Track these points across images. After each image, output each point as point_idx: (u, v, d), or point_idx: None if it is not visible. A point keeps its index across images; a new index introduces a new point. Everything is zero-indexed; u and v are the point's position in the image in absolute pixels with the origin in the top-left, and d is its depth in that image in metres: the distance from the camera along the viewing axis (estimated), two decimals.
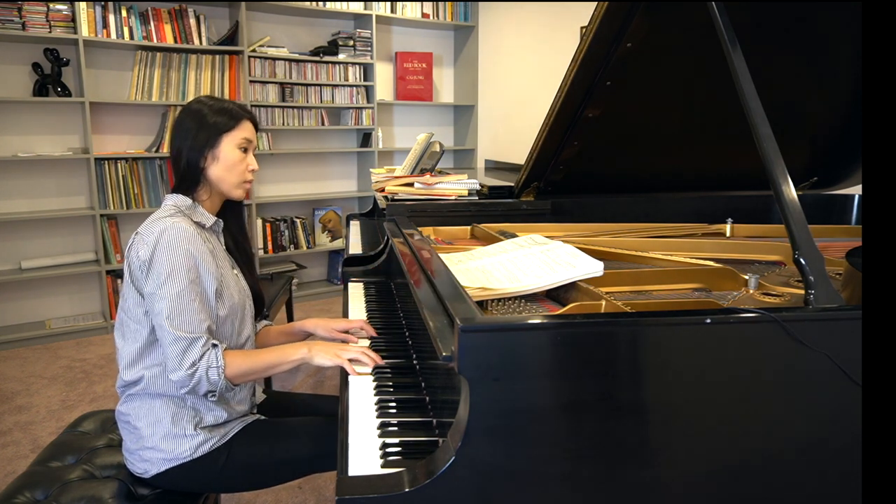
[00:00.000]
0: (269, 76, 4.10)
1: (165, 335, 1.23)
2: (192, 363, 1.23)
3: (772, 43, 1.55)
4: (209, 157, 1.35)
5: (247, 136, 1.38)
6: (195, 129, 1.34)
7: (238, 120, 1.37)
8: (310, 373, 3.15)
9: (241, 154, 1.37)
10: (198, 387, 1.24)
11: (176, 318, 1.23)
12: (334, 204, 4.64)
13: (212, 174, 1.36)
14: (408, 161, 2.24)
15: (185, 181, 1.36)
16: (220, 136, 1.35)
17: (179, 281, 1.24)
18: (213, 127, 1.34)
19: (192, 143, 1.34)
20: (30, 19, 3.30)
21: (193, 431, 1.30)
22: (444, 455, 0.82)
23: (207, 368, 1.23)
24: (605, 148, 1.84)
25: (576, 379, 0.83)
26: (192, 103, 1.38)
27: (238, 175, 1.38)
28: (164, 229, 1.25)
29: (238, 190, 1.40)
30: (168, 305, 1.22)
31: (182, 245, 1.25)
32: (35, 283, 3.68)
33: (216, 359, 1.25)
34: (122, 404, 1.34)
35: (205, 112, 1.35)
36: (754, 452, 0.88)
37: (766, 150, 1.07)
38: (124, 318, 1.32)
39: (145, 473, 1.31)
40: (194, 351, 1.23)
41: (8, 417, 2.68)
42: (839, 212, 2.07)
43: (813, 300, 0.93)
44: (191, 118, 1.35)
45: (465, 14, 4.83)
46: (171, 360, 1.23)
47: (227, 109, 1.37)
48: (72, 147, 3.68)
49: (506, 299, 1.18)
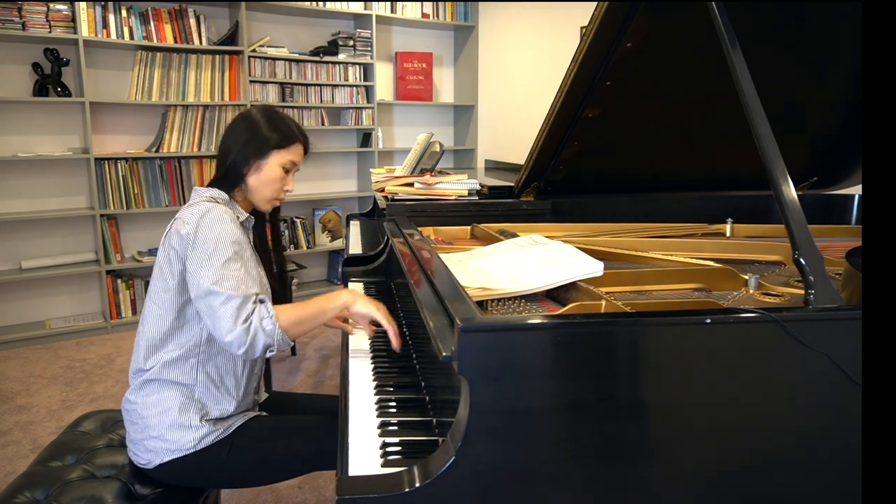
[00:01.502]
0: (269, 76, 4.10)
1: (215, 299, 1.23)
2: (246, 317, 1.24)
3: (772, 43, 1.55)
4: (253, 167, 1.39)
5: (294, 159, 1.44)
6: (247, 137, 1.39)
7: (292, 142, 1.42)
8: (310, 373, 3.15)
9: (282, 173, 1.42)
10: (255, 340, 1.24)
11: (224, 282, 1.24)
12: (334, 204, 4.64)
13: (250, 182, 1.41)
14: (408, 161, 2.24)
15: (225, 179, 1.41)
16: (270, 152, 1.39)
17: (225, 251, 1.27)
18: (266, 141, 1.39)
19: (241, 148, 1.38)
20: (30, 19, 3.30)
21: (199, 423, 1.31)
22: (444, 455, 0.82)
23: (261, 319, 1.25)
24: (605, 148, 1.84)
25: (576, 379, 0.83)
26: (252, 111, 1.43)
27: (273, 192, 1.43)
28: (208, 210, 1.30)
29: (267, 204, 1.46)
30: (214, 273, 1.24)
31: (226, 222, 1.29)
32: (35, 283, 3.68)
33: (267, 310, 1.27)
34: (132, 392, 1.36)
35: (261, 124, 1.39)
36: (754, 452, 0.88)
37: (766, 150, 1.07)
38: (149, 305, 1.36)
39: (148, 464, 1.32)
40: (247, 306, 1.25)
41: (8, 417, 2.68)
42: (839, 212, 2.07)
43: (813, 300, 0.93)
44: (245, 125, 1.40)
45: (465, 14, 4.83)
46: (224, 320, 1.23)
47: (285, 127, 1.41)
48: (72, 147, 3.68)
49: (506, 299, 1.18)
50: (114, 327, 3.75)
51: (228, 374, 1.37)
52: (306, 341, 3.59)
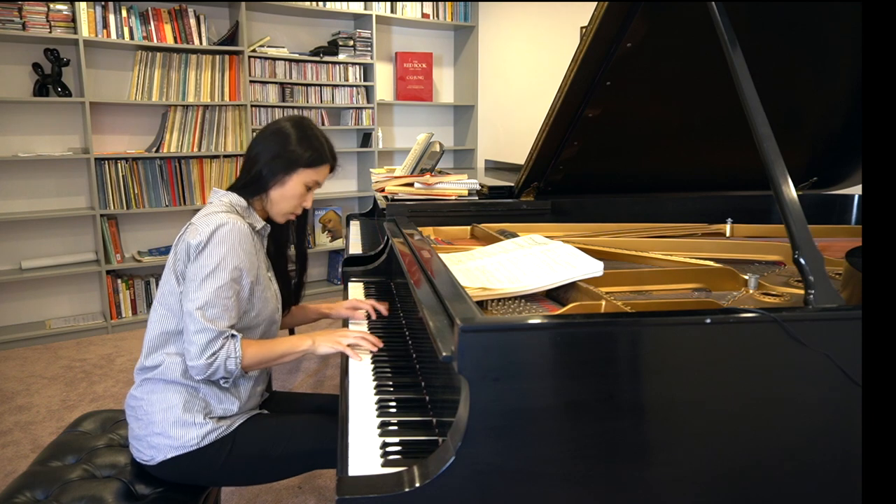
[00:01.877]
0: (269, 76, 4.10)
1: (193, 323, 1.27)
2: (213, 353, 1.27)
3: (772, 43, 1.55)
4: (277, 181, 1.40)
5: (319, 179, 1.44)
6: (277, 150, 1.39)
7: (322, 163, 1.42)
8: (310, 372, 3.15)
9: (304, 191, 1.43)
10: (214, 375, 1.29)
11: (209, 310, 1.27)
12: (334, 204, 4.64)
13: (272, 195, 1.41)
14: (408, 161, 2.24)
15: (249, 187, 1.41)
16: (297, 169, 1.40)
17: (222, 276, 1.28)
18: (297, 158, 1.39)
19: (269, 161, 1.39)
20: (30, 19, 3.30)
21: (203, 420, 1.32)
22: (444, 455, 0.82)
23: (226, 358, 1.28)
24: (605, 148, 1.84)
25: (576, 379, 0.83)
26: (286, 123, 1.42)
27: (291, 207, 1.44)
28: (222, 223, 1.30)
29: (282, 218, 1.47)
30: (205, 296, 1.27)
31: (235, 243, 1.31)
32: (35, 283, 3.68)
33: (234, 349, 1.29)
34: (137, 388, 1.38)
35: (293, 139, 1.39)
36: (754, 452, 0.88)
37: (766, 150, 1.07)
38: (156, 305, 1.37)
39: (151, 460, 1.32)
40: (217, 343, 1.28)
41: (8, 417, 2.68)
42: (839, 212, 2.07)
43: (813, 300, 0.93)
44: (277, 138, 1.40)
45: (465, 14, 4.83)
46: (194, 347, 1.27)
47: (317, 145, 1.41)
48: (72, 147, 3.68)
49: (506, 299, 1.18)
50: (114, 327, 3.75)
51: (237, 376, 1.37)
52: None
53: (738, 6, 1.28)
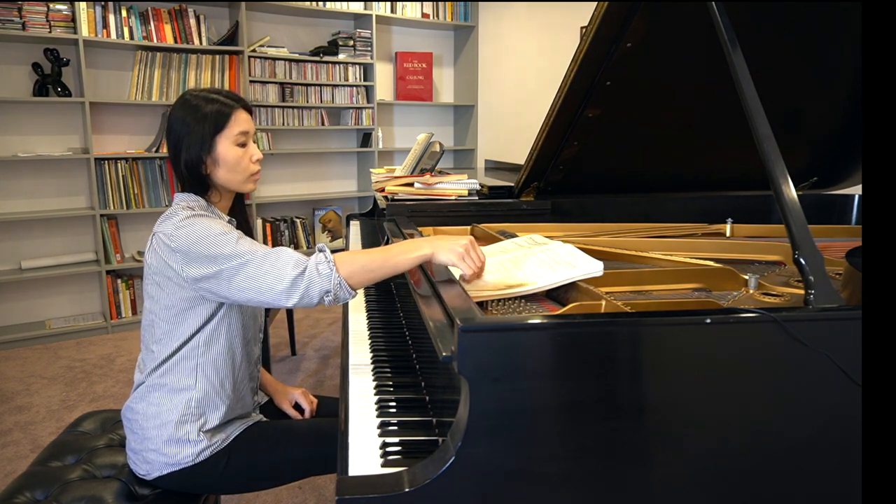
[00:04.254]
0: (269, 76, 4.10)
1: (251, 261, 1.15)
2: (297, 263, 1.15)
3: (772, 43, 1.55)
4: (209, 163, 1.28)
5: (242, 129, 1.29)
6: (185, 135, 1.26)
7: (227, 115, 1.28)
8: (310, 373, 3.15)
9: (240, 150, 1.30)
10: (310, 286, 1.13)
11: (252, 251, 1.16)
12: (334, 204, 4.64)
13: (217, 177, 1.30)
14: (408, 161, 2.23)
15: (192, 185, 1.30)
16: (214, 139, 1.27)
17: (230, 237, 1.18)
18: (203, 133, 1.26)
19: (186, 149, 1.27)
20: (30, 19, 3.30)
21: (197, 437, 1.28)
22: (444, 455, 0.82)
23: (317, 264, 1.14)
24: (605, 148, 1.84)
25: (576, 379, 0.83)
26: (175, 109, 1.29)
27: (243, 172, 1.31)
28: (182, 219, 1.21)
29: (248, 184, 1.34)
30: (233, 249, 1.16)
31: (207, 220, 1.21)
32: (35, 283, 3.68)
33: (325, 256, 1.16)
34: (133, 401, 1.33)
35: (189, 118, 1.26)
36: (753, 452, 0.88)
37: (766, 150, 1.07)
38: (154, 320, 1.28)
39: (147, 475, 1.31)
40: (295, 255, 1.16)
41: (8, 417, 2.68)
42: (839, 212, 2.07)
43: (813, 300, 0.93)
44: (179, 124, 1.27)
45: (465, 14, 4.83)
46: (268, 274, 1.13)
47: (211, 107, 1.27)
48: (72, 147, 3.68)
49: (506, 299, 1.18)
50: (114, 327, 3.75)
51: (227, 378, 1.33)
52: (306, 341, 3.59)
53: (738, 6, 1.28)
